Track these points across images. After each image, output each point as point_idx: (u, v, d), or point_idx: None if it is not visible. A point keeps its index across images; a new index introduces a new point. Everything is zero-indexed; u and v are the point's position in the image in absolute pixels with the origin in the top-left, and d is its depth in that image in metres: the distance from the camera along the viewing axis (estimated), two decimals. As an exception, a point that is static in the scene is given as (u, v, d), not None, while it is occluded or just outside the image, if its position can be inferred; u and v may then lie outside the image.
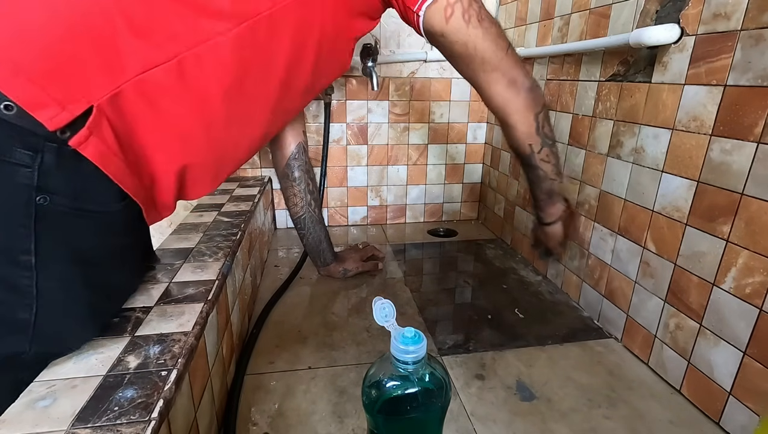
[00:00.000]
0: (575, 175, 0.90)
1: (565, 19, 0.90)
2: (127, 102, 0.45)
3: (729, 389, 0.58)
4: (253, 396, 0.65)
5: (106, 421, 0.37)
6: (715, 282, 0.60)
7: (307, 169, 0.92)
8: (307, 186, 0.92)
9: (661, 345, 0.69)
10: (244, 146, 0.62)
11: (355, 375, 0.69)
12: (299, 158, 0.90)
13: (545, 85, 1.00)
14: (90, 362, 0.44)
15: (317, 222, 0.95)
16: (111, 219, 0.48)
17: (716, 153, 0.59)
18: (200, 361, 0.51)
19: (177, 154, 0.52)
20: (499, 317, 0.87)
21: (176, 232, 0.78)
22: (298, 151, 0.90)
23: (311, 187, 0.93)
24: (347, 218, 1.38)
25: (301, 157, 0.91)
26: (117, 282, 0.54)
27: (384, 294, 0.55)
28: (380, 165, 1.33)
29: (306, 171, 0.92)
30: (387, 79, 1.24)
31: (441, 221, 1.43)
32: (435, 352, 0.75)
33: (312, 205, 0.93)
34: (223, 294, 0.63)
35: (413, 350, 0.42)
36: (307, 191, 0.92)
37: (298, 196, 0.92)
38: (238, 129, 0.58)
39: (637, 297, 0.74)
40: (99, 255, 0.48)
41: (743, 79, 0.54)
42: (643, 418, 0.62)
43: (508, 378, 0.69)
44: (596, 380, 0.69)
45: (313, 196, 0.94)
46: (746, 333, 0.55)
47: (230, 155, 0.61)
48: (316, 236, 0.96)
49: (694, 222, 0.63)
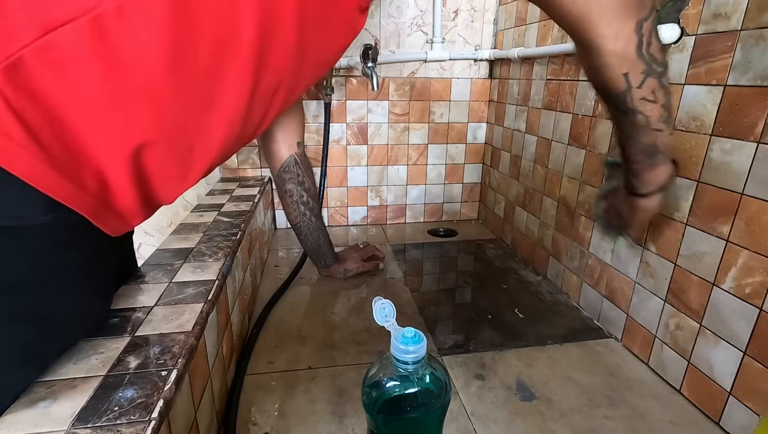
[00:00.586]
0: (575, 174, 0.90)
1: (565, 19, 0.90)
2: (31, 75, 0.35)
3: (729, 389, 0.58)
4: (253, 396, 0.65)
5: (106, 421, 0.37)
6: (715, 282, 0.60)
7: (300, 181, 0.88)
8: (300, 197, 0.89)
9: (661, 345, 0.69)
10: (215, 135, 0.48)
11: (355, 375, 0.69)
12: (290, 171, 0.87)
13: (545, 85, 1.00)
14: (90, 362, 0.44)
15: (314, 229, 0.93)
16: (38, 235, 0.39)
17: (716, 153, 0.59)
18: (200, 361, 0.51)
19: (119, 134, 0.41)
20: (499, 317, 0.87)
21: (176, 232, 0.78)
22: (290, 164, 0.87)
23: (305, 198, 0.90)
24: (347, 218, 1.38)
25: (293, 170, 0.87)
26: (62, 311, 0.43)
27: (384, 294, 0.55)
28: (380, 165, 1.33)
29: (299, 183, 0.88)
30: (387, 79, 1.24)
31: (441, 221, 1.43)
32: (435, 352, 0.75)
33: (307, 214, 0.91)
34: (223, 294, 0.63)
35: (413, 350, 0.42)
36: (300, 202, 0.90)
37: (291, 206, 0.90)
38: (196, 107, 0.45)
39: (637, 297, 0.74)
40: (27, 280, 0.39)
41: (743, 79, 0.54)
42: (643, 418, 0.62)
43: (508, 378, 0.69)
44: (596, 380, 0.69)
45: (308, 206, 0.91)
46: (746, 333, 0.55)
47: (195, 140, 0.47)
48: (314, 241, 0.95)
49: (694, 223, 0.63)
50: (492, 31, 1.25)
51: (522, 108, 1.12)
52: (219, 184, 1.17)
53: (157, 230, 1.28)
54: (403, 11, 1.18)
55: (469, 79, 1.29)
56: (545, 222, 1.03)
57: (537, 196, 1.06)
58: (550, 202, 1.00)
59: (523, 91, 1.11)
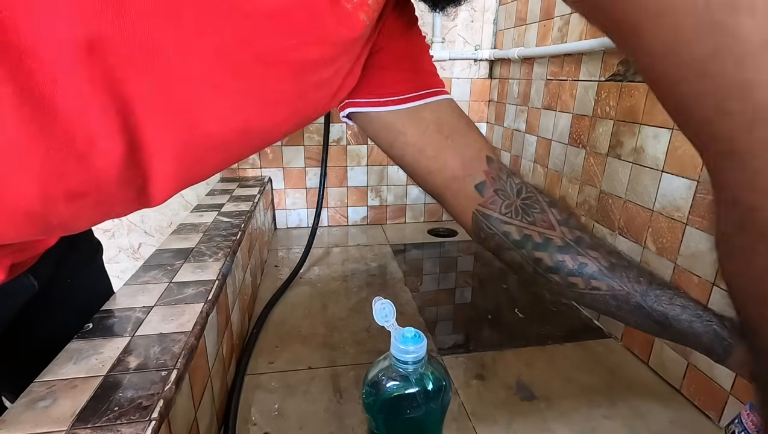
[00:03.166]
0: (575, 174, 0.90)
1: (565, 19, 0.90)
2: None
3: (729, 389, 0.58)
4: (253, 396, 0.65)
5: (106, 421, 0.37)
6: (715, 282, 0.60)
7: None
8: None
9: (661, 345, 0.69)
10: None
11: (354, 375, 0.69)
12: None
13: (545, 84, 1.00)
14: (90, 362, 0.44)
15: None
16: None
17: (716, 153, 0.59)
18: (200, 361, 0.51)
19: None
20: (499, 317, 0.87)
21: (176, 232, 0.78)
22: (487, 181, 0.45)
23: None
24: (347, 218, 1.38)
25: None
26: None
27: (384, 294, 0.55)
28: (380, 165, 1.33)
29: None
30: (387, 79, 1.23)
31: (441, 221, 1.43)
32: (435, 352, 0.75)
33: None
34: (223, 294, 0.63)
35: (413, 350, 0.42)
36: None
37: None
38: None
39: (637, 297, 0.74)
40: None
41: (743, 78, 0.54)
42: (643, 418, 0.62)
43: (508, 378, 0.69)
44: (596, 380, 0.69)
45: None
46: (746, 333, 0.55)
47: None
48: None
49: (694, 222, 0.63)
50: (492, 31, 1.25)
51: (522, 108, 1.12)
52: (219, 184, 1.17)
53: (157, 230, 1.28)
54: (403, 11, 1.17)
55: (469, 79, 1.29)
56: (545, 222, 1.03)
57: (537, 196, 1.06)
58: (550, 202, 1.00)
59: (523, 91, 1.11)
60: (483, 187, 0.44)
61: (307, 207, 1.33)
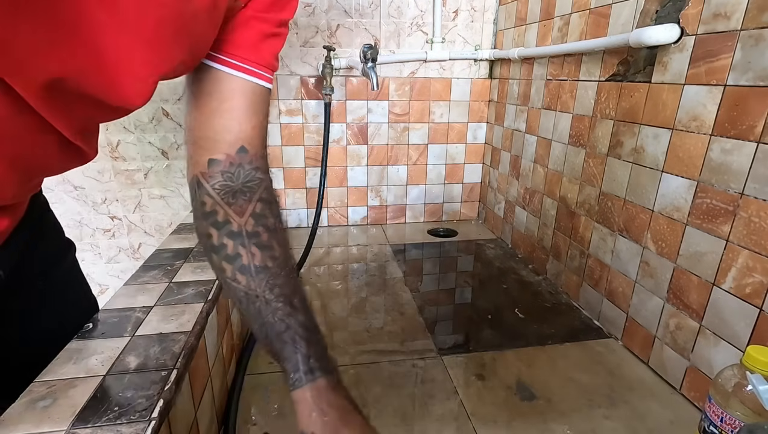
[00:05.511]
0: (575, 174, 0.90)
1: (565, 19, 0.90)
2: None
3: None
4: (253, 396, 0.64)
5: (106, 421, 0.37)
6: (715, 282, 0.60)
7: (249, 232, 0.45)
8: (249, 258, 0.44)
9: (661, 345, 0.69)
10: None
11: (354, 374, 0.69)
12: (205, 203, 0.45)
13: (545, 84, 1.00)
14: (90, 362, 0.44)
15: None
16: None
17: (716, 153, 0.59)
18: (200, 361, 0.51)
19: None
20: (499, 317, 0.87)
21: (176, 232, 0.78)
22: (194, 188, 0.45)
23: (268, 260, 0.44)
24: (347, 218, 1.38)
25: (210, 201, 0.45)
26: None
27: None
28: (380, 165, 1.33)
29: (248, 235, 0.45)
30: (387, 79, 1.24)
31: (441, 221, 1.43)
32: (435, 352, 0.75)
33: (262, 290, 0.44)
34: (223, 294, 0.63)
35: None
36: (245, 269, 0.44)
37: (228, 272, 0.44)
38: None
39: (637, 297, 0.74)
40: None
41: (743, 79, 0.54)
42: (643, 418, 0.62)
43: (508, 378, 0.69)
44: (596, 380, 0.69)
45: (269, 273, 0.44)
46: (746, 333, 0.55)
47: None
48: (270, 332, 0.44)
49: (694, 223, 0.63)
50: (492, 31, 1.25)
51: (522, 108, 1.12)
52: (219, 184, 1.17)
53: (157, 230, 1.28)
54: (403, 11, 1.18)
55: (469, 79, 1.29)
56: (545, 222, 1.03)
57: (537, 196, 1.06)
58: (550, 202, 1.00)
59: (523, 91, 1.11)
60: (214, 163, 0.45)
61: (307, 207, 1.33)
